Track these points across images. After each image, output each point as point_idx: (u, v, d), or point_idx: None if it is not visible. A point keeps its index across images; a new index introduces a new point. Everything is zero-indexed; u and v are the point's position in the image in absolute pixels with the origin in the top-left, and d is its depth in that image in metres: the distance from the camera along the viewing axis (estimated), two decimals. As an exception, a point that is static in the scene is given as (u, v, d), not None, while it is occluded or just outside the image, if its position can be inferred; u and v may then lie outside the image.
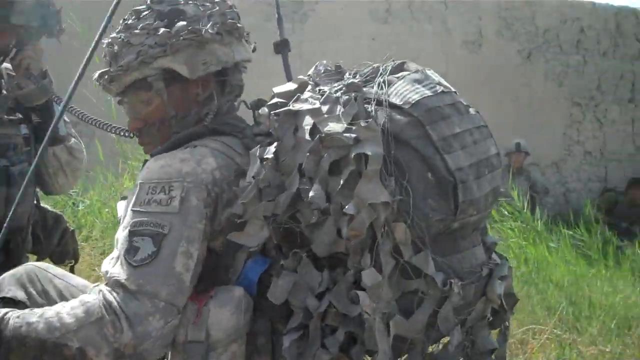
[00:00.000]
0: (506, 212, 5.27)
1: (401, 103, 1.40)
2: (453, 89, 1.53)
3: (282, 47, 1.88)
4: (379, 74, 1.50)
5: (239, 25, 1.60)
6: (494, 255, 1.63)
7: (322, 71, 1.61)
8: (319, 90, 1.48)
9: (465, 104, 1.51)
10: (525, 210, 5.27)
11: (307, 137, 1.36)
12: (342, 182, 1.30)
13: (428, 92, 1.43)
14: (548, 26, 7.60)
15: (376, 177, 1.29)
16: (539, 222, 5.21)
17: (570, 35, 7.73)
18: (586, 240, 5.24)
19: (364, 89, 1.46)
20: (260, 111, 1.52)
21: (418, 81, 1.47)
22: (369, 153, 1.29)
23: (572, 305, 3.85)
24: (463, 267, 1.45)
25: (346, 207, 1.27)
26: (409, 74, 1.49)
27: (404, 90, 1.43)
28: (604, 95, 7.96)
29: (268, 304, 1.36)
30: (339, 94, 1.43)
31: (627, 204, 7.18)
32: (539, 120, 7.59)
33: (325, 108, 1.39)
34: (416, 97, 1.41)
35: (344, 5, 6.75)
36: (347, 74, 1.56)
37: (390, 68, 1.52)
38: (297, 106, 1.42)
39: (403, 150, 1.36)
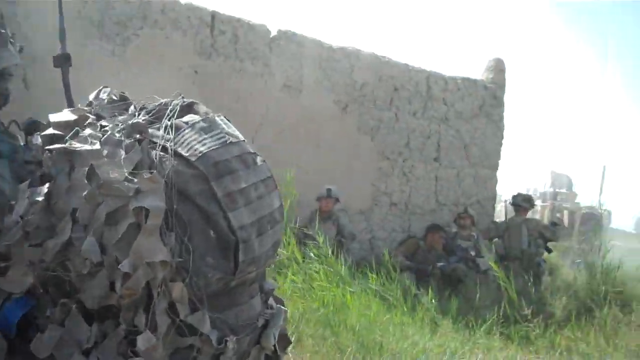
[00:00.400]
0: (312, 255, 5.30)
1: (188, 154, 1.34)
2: (242, 138, 1.51)
3: (62, 61, 1.70)
4: (166, 115, 1.43)
5: (2, 30, 1.44)
6: (271, 300, 1.65)
7: (106, 100, 1.51)
8: (101, 126, 1.38)
9: (252, 152, 1.48)
10: (331, 254, 5.32)
11: (84, 181, 1.24)
12: (119, 235, 1.20)
13: (215, 144, 1.38)
14: (364, 81, 7.93)
15: (156, 233, 1.21)
16: (342, 266, 5.27)
17: (384, 92, 8.12)
18: (387, 286, 5.38)
19: (150, 130, 1.38)
20: (33, 139, 1.38)
21: (206, 130, 1.42)
22: (150, 207, 1.21)
23: (363, 349, 3.86)
24: (239, 321, 1.43)
25: (122, 263, 1.17)
26: (197, 122, 1.43)
27: (191, 140, 1.38)
28: (412, 153, 8.41)
29: (29, 347, 1.22)
30: (122, 134, 1.33)
31: (427, 248, 7.60)
32: (351, 169, 7.85)
33: (106, 151, 1.29)
34: (203, 149, 1.36)
35: (169, 34, 6.57)
36: (132, 107, 1.49)
37: (178, 108, 1.46)
38: (75, 145, 1.30)
39: (186, 205, 1.29)
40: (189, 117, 1.46)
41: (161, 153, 1.31)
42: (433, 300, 5.54)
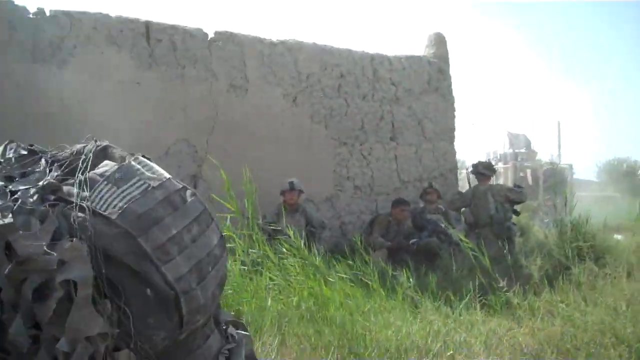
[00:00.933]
0: (285, 250, 5.19)
1: (107, 212, 1.26)
2: (166, 176, 1.38)
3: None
4: (79, 168, 1.34)
5: None
6: (231, 329, 1.59)
7: (14, 158, 1.41)
8: (10, 192, 1.28)
9: (180, 189, 1.38)
10: (303, 246, 5.21)
11: (3, 258, 1.16)
12: (50, 311, 1.12)
13: (136, 194, 1.30)
14: (310, 71, 7.86)
15: (88, 305, 1.14)
16: (316, 257, 5.16)
17: (331, 80, 8.07)
18: (363, 270, 5.28)
19: (65, 187, 1.30)
20: None
21: (123, 181, 1.33)
22: (76, 278, 1.13)
23: (348, 343, 3.78)
24: None
25: (59, 342, 1.09)
26: (112, 173, 1.34)
27: (108, 196, 1.29)
28: (367, 135, 8.37)
29: None
30: (34, 198, 1.24)
31: (395, 223, 7.55)
32: (310, 159, 7.79)
33: (20, 221, 1.19)
34: (122, 203, 1.28)
35: (104, 49, 6.40)
36: (43, 161, 1.38)
37: (91, 156, 1.35)
38: None
39: (116, 268, 1.21)
40: (103, 167, 1.36)
41: (80, 215, 1.22)
42: (411, 280, 5.46)
